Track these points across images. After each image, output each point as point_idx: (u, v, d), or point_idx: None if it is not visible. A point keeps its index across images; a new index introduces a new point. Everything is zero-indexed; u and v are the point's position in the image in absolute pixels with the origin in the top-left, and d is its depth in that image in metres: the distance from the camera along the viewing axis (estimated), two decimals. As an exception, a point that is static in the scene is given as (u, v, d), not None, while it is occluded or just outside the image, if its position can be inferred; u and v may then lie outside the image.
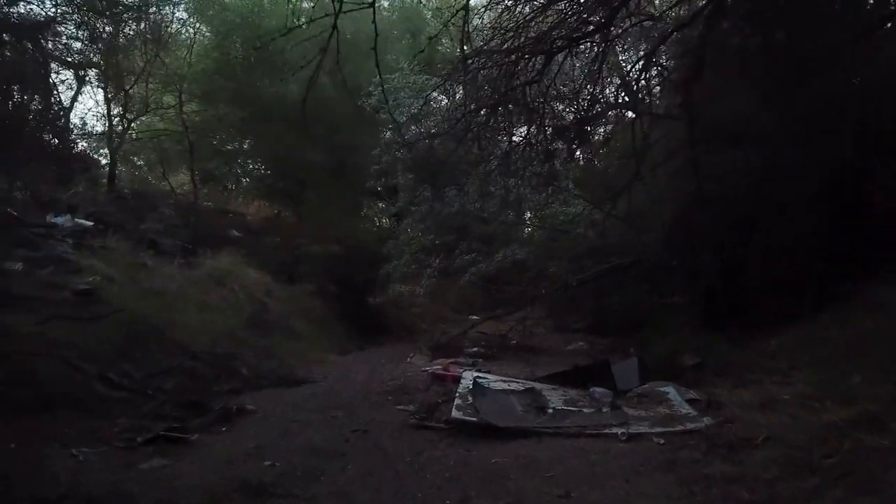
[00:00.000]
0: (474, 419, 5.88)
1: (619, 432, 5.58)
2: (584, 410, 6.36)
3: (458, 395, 6.58)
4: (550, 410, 6.27)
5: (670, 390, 6.96)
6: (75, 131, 14.22)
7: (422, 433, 5.94)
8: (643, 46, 9.49)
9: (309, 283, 13.96)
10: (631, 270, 10.35)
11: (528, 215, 13.05)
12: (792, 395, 6.18)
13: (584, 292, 10.87)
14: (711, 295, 8.53)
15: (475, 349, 11.33)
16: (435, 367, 8.69)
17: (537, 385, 7.28)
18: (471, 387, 6.78)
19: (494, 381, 7.31)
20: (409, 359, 10.76)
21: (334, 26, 3.65)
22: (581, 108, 9.30)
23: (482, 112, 7.47)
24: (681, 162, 8.86)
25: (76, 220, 11.50)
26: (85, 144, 14.70)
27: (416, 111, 8.62)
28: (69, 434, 5.44)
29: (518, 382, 7.41)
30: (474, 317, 13.52)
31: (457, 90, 8.12)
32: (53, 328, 7.08)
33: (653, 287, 9.61)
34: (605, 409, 6.34)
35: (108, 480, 4.32)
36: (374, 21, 3.89)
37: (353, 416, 6.56)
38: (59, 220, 11.31)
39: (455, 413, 6.01)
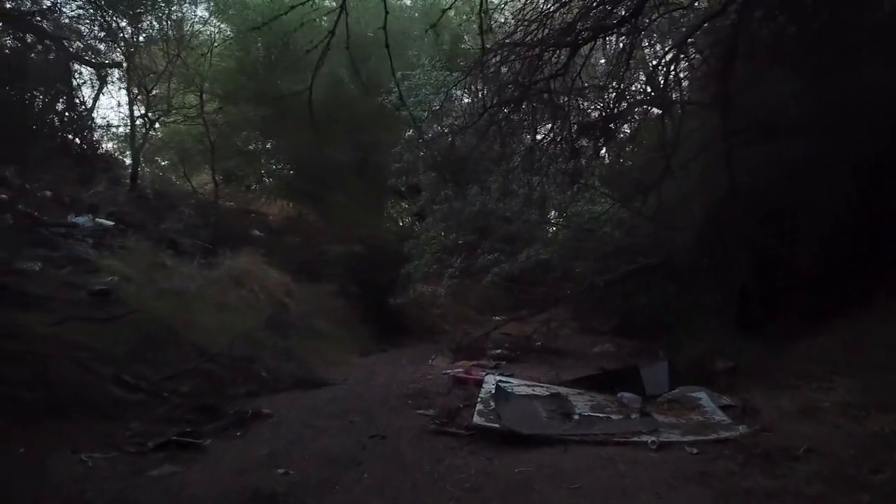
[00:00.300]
0: (497, 426, 5.66)
1: (650, 440, 5.30)
2: (612, 417, 6.09)
3: (479, 399, 6.36)
4: (576, 417, 6.02)
5: (703, 396, 6.67)
6: (97, 131, 14.21)
7: (442, 439, 5.73)
8: (671, 38, 9.20)
9: (330, 283, 13.85)
10: (659, 270, 10.04)
11: (553, 214, 12.76)
12: (833, 403, 5.89)
13: (610, 293, 10.56)
14: (745, 295, 8.19)
15: (498, 351, 11.08)
16: (456, 370, 8.48)
17: (563, 390, 7.02)
18: (493, 391, 6.56)
19: (518, 386, 7.07)
20: (430, 361, 10.55)
21: (342, 7, 3.39)
22: (607, 104, 9.04)
23: (505, 107, 7.21)
24: (713, 156, 8.56)
25: (97, 219, 11.49)
26: (108, 145, 14.60)
27: (437, 107, 8.36)
28: (81, 438, 5.32)
29: (542, 387, 7.16)
30: (497, 318, 13.31)
31: (478, 85, 7.84)
32: (69, 329, 7.00)
33: (683, 287, 9.26)
34: (633, 416, 6.07)
35: (114, 488, 4.18)
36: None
37: (372, 420, 6.37)
38: (80, 219, 11.31)
39: (477, 419, 5.79)
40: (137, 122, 15.21)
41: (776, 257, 8.18)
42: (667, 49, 8.43)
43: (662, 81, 8.54)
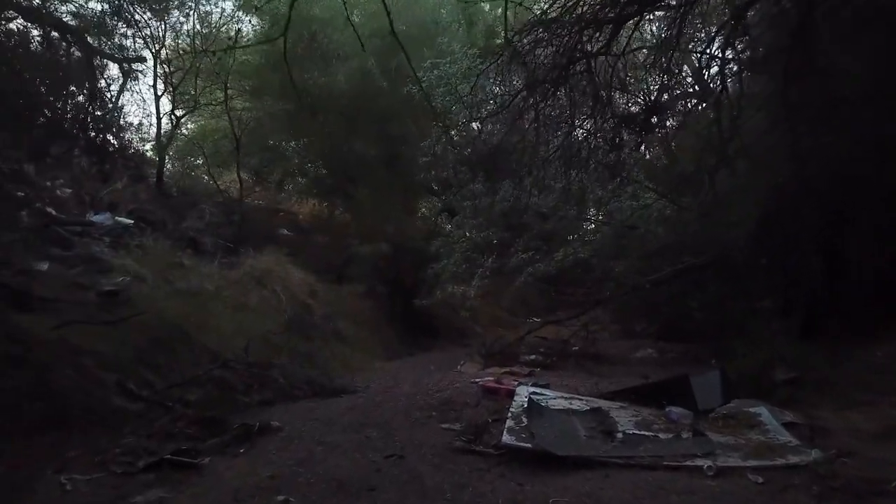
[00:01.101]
0: (529, 445, 5.03)
1: (705, 465, 4.62)
2: (660, 436, 5.40)
3: (510, 414, 5.72)
4: (620, 435, 5.34)
5: (762, 412, 5.94)
6: (121, 128, 13.94)
7: (467, 460, 5.12)
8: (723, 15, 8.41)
9: (357, 283, 13.39)
10: (709, 270, 9.27)
11: (592, 210, 12.01)
12: (919, 422, 5.13)
13: (655, 294, 9.78)
14: (809, 298, 7.39)
15: (532, 357, 10.44)
16: (486, 379, 7.84)
17: (603, 403, 6.34)
18: (525, 405, 5.91)
19: (553, 399, 6.41)
20: (459, 367, 9.96)
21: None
22: (652, 91, 8.33)
23: (539, 90, 6.55)
24: (772, 145, 7.78)
25: (116, 218, 11.20)
26: (134, 143, 14.32)
27: (466, 95, 7.70)
28: (70, 455, 4.88)
29: (581, 400, 6.48)
30: (532, 321, 12.66)
31: (511, 71, 7.16)
32: (73, 333, 6.61)
33: (738, 288, 8.46)
34: (685, 435, 5.37)
35: (87, 518, 3.68)
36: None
37: (390, 436, 5.79)
38: (99, 218, 11.03)
39: (507, 437, 5.17)
40: (163, 119, 15.00)
41: (846, 255, 7.37)
42: (721, 25, 7.61)
43: (716, 63, 7.77)
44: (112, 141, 13.63)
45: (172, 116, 15.60)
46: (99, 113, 13.35)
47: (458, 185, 11.59)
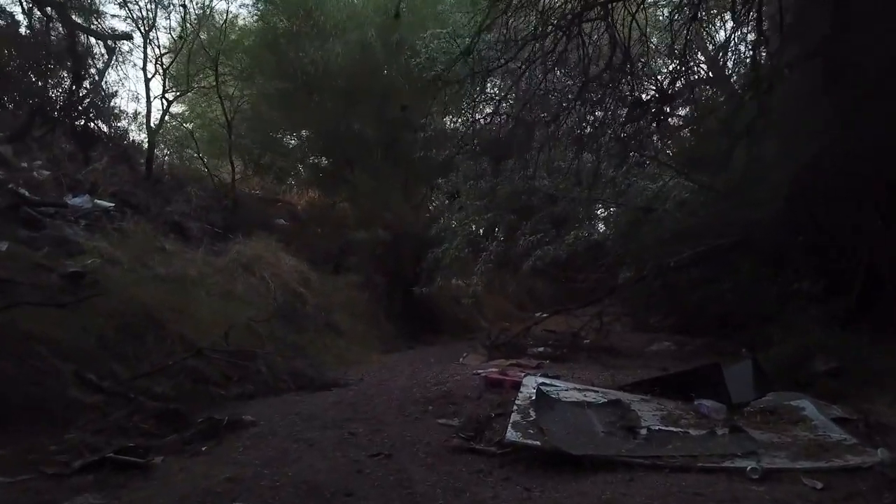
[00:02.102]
0: (538, 443, 4.29)
1: (749, 467, 3.88)
2: (692, 432, 4.64)
3: (516, 407, 4.98)
4: (644, 431, 4.59)
5: (806, 405, 5.21)
6: (107, 109, 13.28)
7: (466, 460, 4.41)
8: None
9: (355, 273, 12.66)
10: (736, 253, 8.50)
11: (605, 191, 11.18)
12: None
13: (675, 281, 8.99)
14: (854, 279, 6.61)
15: (541, 349, 9.69)
16: (490, 370, 7.08)
17: (623, 395, 5.59)
18: (534, 397, 5.15)
19: (565, 390, 5.65)
20: (461, 359, 9.22)
21: None
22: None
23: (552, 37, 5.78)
24: (807, 115, 7.03)
25: (96, 200, 10.50)
26: (119, 123, 13.64)
27: (468, 54, 6.91)
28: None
29: (596, 391, 5.71)
30: (540, 314, 11.88)
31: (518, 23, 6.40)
32: (26, 317, 5.91)
33: (768, 271, 7.67)
34: (720, 431, 4.60)
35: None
36: None
37: (379, 432, 5.08)
38: (77, 200, 10.34)
39: (511, 434, 4.43)
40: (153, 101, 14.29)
41: (888, 235, 6.59)
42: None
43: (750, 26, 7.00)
44: (96, 122, 13.09)
45: (163, 100, 14.91)
46: (82, 92, 12.80)
47: (460, 164, 10.80)
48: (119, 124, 13.54)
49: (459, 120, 11.12)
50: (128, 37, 13.20)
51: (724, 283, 7.98)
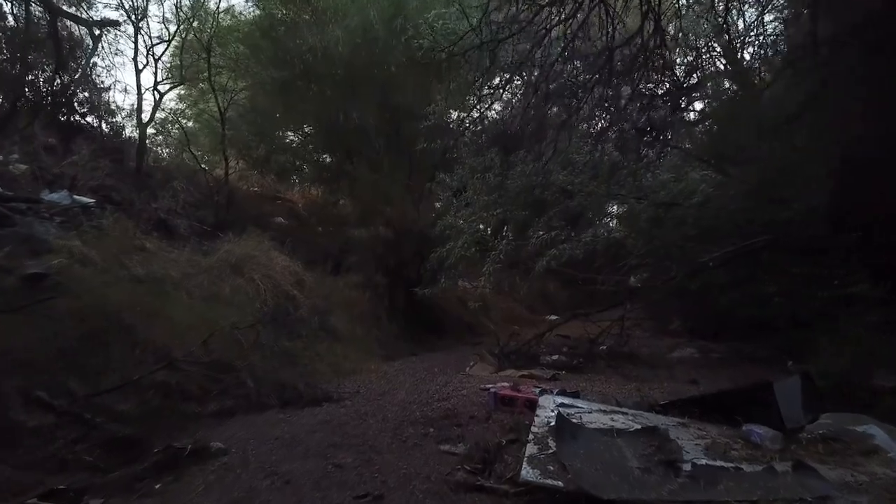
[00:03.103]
0: (559, 483, 3.53)
1: (824, 517, 3.10)
2: (745, 468, 3.86)
3: (532, 436, 4.21)
4: (687, 467, 3.81)
5: (875, 431, 4.42)
6: (92, 100, 12.60)
7: (473, 499, 3.66)
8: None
9: (355, 273, 11.90)
10: (768, 251, 7.70)
11: (627, 185, 10.36)
12: None
13: (702, 282, 8.17)
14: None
15: (555, 357, 8.92)
16: (500, 385, 6.31)
17: (655, 419, 4.79)
18: (553, 422, 4.37)
19: (589, 412, 4.85)
20: (467, 368, 8.47)
21: None
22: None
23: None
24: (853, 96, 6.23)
25: (75, 196, 9.81)
26: (105, 115, 12.93)
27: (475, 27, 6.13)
28: None
29: (625, 414, 4.91)
30: (554, 317, 11.11)
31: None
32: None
33: (816, 272, 6.86)
34: (780, 468, 3.82)
35: None
36: None
37: (369, 463, 4.32)
38: (55, 196, 9.65)
39: (527, 471, 3.67)
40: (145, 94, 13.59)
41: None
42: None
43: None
44: (78, 113, 12.42)
45: (155, 92, 14.21)
46: (65, 81, 12.13)
47: (467, 157, 10.01)
48: (104, 115, 12.80)
49: (465, 114, 10.30)
50: (114, 23, 12.51)
51: (764, 286, 7.14)
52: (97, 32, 12.44)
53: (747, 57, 9.90)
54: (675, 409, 5.09)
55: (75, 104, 12.21)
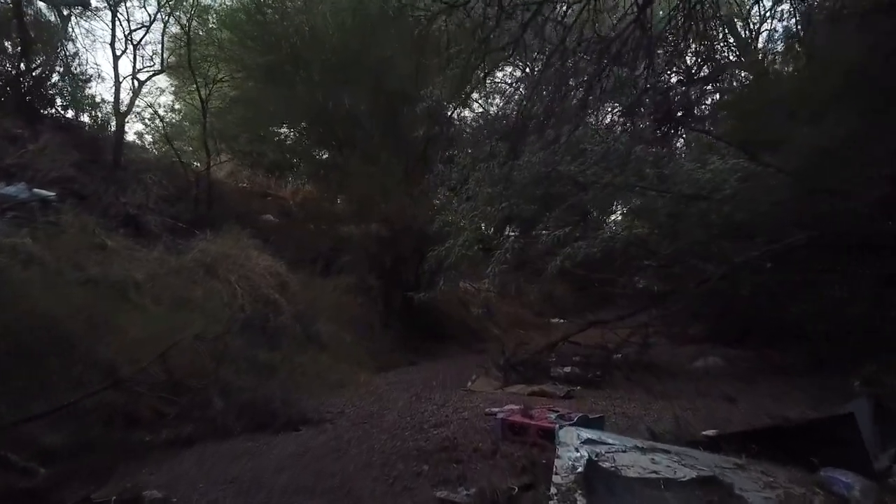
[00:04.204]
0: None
1: None
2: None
3: (555, 489, 3.25)
4: (762, 535, 2.87)
5: None
6: (60, 86, 11.70)
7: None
8: None
9: (348, 274, 10.97)
10: (812, 249, 6.80)
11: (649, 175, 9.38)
12: None
13: (736, 283, 7.23)
14: None
15: (567, 369, 8.00)
16: (508, 409, 5.34)
17: (706, 458, 3.83)
18: (580, 467, 3.42)
19: (622, 450, 3.87)
20: (469, 383, 7.54)
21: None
22: None
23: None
24: None
25: (34, 189, 8.91)
26: (73, 101, 12.00)
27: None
28: None
29: (668, 451, 3.93)
30: (562, 320, 10.15)
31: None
32: None
33: (858, 273, 5.93)
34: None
35: None
36: None
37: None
38: (11, 189, 8.75)
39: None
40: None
41: None
42: None
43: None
44: (47, 100, 11.53)
45: (134, 80, 13.32)
46: (30, 66, 11.24)
47: (471, 146, 9.06)
48: (76, 104, 11.88)
49: (469, 91, 9.36)
50: (84, 3, 11.62)
51: (819, 288, 6.22)
52: (66, 13, 11.58)
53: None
54: (728, 443, 4.13)
55: (43, 91, 11.34)
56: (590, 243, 7.09)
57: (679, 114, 8.00)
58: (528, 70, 9.28)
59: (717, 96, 10.21)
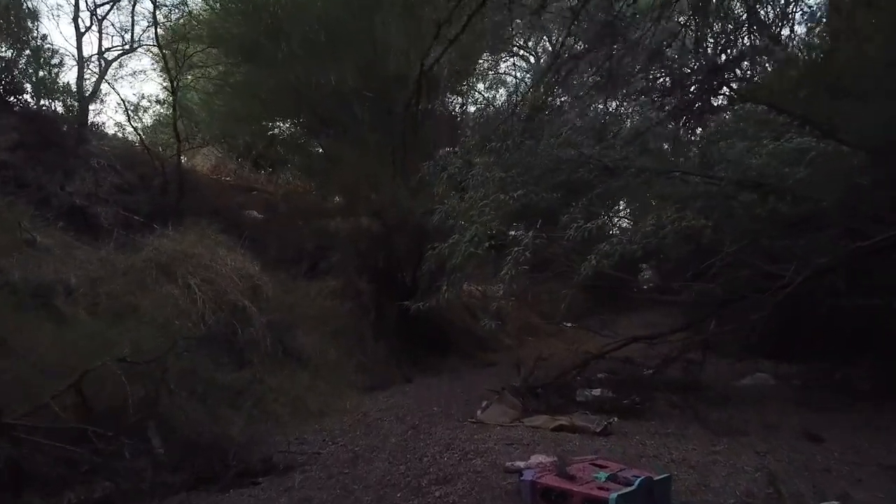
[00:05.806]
0: None
1: None
2: None
3: None
4: None
5: None
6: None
7: None
8: None
9: (335, 276, 9.67)
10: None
11: (691, 158, 8.01)
12: None
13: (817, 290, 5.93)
14: None
15: (595, 392, 6.67)
16: (537, 466, 3.98)
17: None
18: None
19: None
20: (479, 412, 6.21)
21: None
22: None
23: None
24: None
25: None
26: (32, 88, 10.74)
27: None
28: None
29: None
30: (567, 325, 8.80)
31: None
32: None
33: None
34: None
35: None
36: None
37: None
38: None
39: None
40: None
41: None
42: None
43: None
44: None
45: (101, 59, 12.06)
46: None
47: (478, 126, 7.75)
48: (25, 82, 10.59)
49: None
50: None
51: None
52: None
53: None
54: None
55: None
56: (631, 239, 5.76)
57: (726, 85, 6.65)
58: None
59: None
